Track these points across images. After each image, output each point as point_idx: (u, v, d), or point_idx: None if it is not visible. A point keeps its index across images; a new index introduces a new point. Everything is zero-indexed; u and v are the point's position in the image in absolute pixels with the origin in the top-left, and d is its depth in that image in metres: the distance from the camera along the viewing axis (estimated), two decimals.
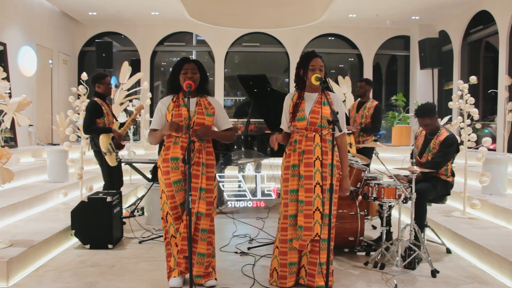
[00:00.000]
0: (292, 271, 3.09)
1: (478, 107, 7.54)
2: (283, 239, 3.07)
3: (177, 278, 3.12)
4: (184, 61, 3.10)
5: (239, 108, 11.61)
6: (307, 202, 2.96)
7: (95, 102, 4.65)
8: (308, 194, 2.96)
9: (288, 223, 3.05)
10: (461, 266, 3.67)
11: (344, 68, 12.26)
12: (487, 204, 4.73)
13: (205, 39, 11.19)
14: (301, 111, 3.03)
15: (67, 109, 7.08)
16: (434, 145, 3.96)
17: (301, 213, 2.98)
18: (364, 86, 5.48)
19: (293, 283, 3.11)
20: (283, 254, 3.08)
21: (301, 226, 2.96)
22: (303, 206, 2.97)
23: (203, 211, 3.04)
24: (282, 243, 3.08)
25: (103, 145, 4.51)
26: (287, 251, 3.07)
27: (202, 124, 3.05)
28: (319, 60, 3.04)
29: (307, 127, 3.02)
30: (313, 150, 2.99)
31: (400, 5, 9.11)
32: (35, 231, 3.93)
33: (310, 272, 3.06)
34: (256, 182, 5.86)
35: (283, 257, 3.08)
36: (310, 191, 2.96)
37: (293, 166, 3.04)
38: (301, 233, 2.96)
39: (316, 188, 2.96)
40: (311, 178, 2.97)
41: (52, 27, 9.41)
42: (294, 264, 3.09)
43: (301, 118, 3.02)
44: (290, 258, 3.08)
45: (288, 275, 3.08)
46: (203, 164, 3.06)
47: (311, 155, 2.99)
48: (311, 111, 3.02)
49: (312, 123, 3.01)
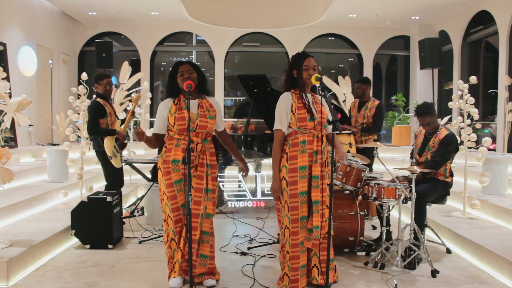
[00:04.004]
0: (303, 273, 3.08)
1: (478, 107, 7.54)
2: (295, 243, 3.00)
3: (177, 278, 3.12)
4: (179, 64, 3.11)
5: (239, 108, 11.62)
6: (322, 201, 2.96)
7: (97, 102, 4.64)
8: (324, 194, 2.98)
9: (300, 225, 3.00)
10: (461, 266, 3.67)
11: (344, 68, 12.25)
12: (487, 204, 4.73)
13: (205, 39, 11.18)
14: (309, 111, 2.99)
15: (67, 109, 7.08)
16: (434, 144, 3.96)
17: (317, 213, 2.96)
18: (361, 86, 5.43)
19: (304, 285, 3.09)
20: (295, 258, 3.02)
21: (317, 226, 2.95)
22: (319, 206, 2.96)
23: (211, 212, 3.10)
24: (294, 247, 3.00)
25: (108, 149, 4.53)
26: (299, 255, 3.02)
27: (205, 127, 3.06)
28: (312, 60, 3.04)
29: (315, 127, 3.00)
30: (323, 150, 3.01)
31: (400, 5, 9.11)
32: (35, 231, 3.93)
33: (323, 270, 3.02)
34: (256, 182, 5.87)
35: (294, 261, 3.02)
36: (325, 191, 2.98)
37: (302, 168, 2.97)
38: (318, 233, 2.95)
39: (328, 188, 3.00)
40: (324, 177, 2.99)
41: (52, 27, 9.41)
42: (304, 266, 3.08)
43: (311, 119, 2.98)
44: (302, 261, 3.05)
45: (300, 278, 3.05)
46: (208, 165, 3.08)
47: (322, 155, 3.00)
48: (318, 111, 3.01)
49: (321, 123, 3.01)
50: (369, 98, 5.42)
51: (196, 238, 3.05)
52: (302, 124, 2.98)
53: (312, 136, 3.00)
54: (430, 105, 4.00)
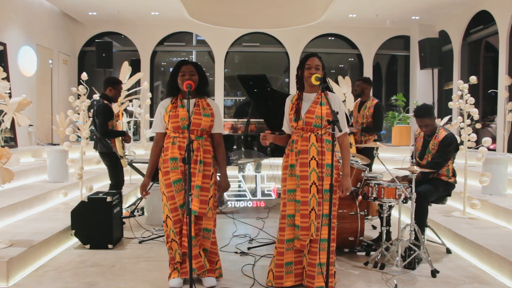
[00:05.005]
0: (289, 270, 3.07)
1: (478, 107, 7.53)
2: (281, 239, 3.07)
3: (177, 278, 3.12)
4: (182, 63, 3.11)
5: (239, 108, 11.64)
6: (303, 202, 2.96)
7: (106, 105, 4.72)
8: (304, 194, 2.96)
9: (286, 223, 3.05)
10: (461, 266, 3.67)
11: (344, 68, 12.25)
12: (487, 204, 4.73)
13: (205, 39, 11.18)
14: (298, 111, 3.04)
15: (67, 109, 7.08)
16: (434, 146, 3.95)
17: (298, 213, 2.99)
18: (361, 84, 5.42)
19: (292, 283, 3.09)
20: (280, 255, 3.08)
21: (298, 226, 2.98)
22: (300, 206, 2.98)
23: (195, 209, 2.99)
24: (280, 243, 3.08)
25: (119, 149, 4.72)
26: (283, 251, 3.06)
27: (199, 124, 3.05)
28: (315, 59, 3.04)
29: (303, 127, 3.03)
30: (309, 150, 2.99)
31: (400, 5, 9.10)
32: (35, 231, 3.93)
33: (309, 273, 3.03)
34: (256, 182, 5.86)
35: (279, 257, 3.08)
36: (306, 191, 2.96)
37: (291, 166, 3.06)
38: (298, 233, 2.97)
39: (312, 188, 2.95)
40: (307, 178, 2.97)
41: (52, 27, 9.41)
42: (290, 263, 3.08)
43: (297, 118, 3.03)
44: (287, 258, 3.07)
45: (285, 275, 3.07)
46: (200, 161, 3.06)
47: (307, 155, 2.99)
48: (307, 111, 3.02)
49: (307, 123, 3.00)
50: (368, 98, 5.42)
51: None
52: (291, 124, 3.10)
53: (298, 136, 3.04)
54: (430, 107, 4.00)
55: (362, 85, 5.43)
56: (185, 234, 3.05)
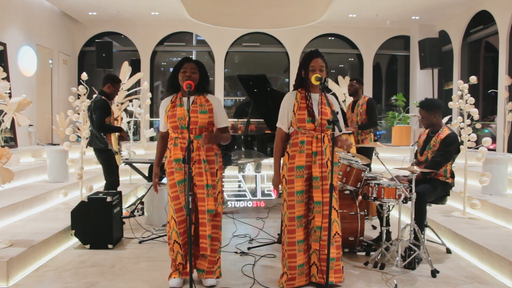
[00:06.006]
0: (301, 272, 3.09)
1: (478, 107, 7.54)
2: (291, 241, 3.05)
3: (177, 278, 3.13)
4: (185, 60, 3.12)
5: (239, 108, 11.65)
6: (325, 202, 2.97)
7: (105, 100, 4.70)
8: (326, 195, 2.97)
9: (296, 224, 3.03)
10: (461, 266, 3.67)
11: (344, 68, 12.25)
12: (487, 204, 4.73)
13: (205, 39, 11.18)
14: (310, 112, 3.01)
15: (67, 109, 7.08)
16: (435, 143, 3.95)
17: (319, 214, 3.00)
18: (354, 84, 5.51)
19: (303, 283, 3.10)
20: (292, 257, 3.06)
21: (320, 227, 2.98)
22: (321, 207, 2.98)
23: (212, 207, 3.05)
24: (290, 245, 3.05)
25: (115, 145, 4.67)
26: (295, 253, 3.05)
27: (196, 122, 3.05)
28: (319, 61, 3.03)
29: (315, 128, 3.02)
30: (324, 151, 3.02)
31: (400, 5, 9.10)
32: (35, 231, 3.93)
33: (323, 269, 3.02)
34: (256, 182, 5.86)
35: (292, 259, 3.06)
36: (327, 192, 2.96)
37: (299, 168, 3.03)
38: (319, 234, 2.98)
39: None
40: (327, 179, 2.98)
41: (52, 27, 9.41)
42: (302, 265, 3.09)
43: (311, 120, 3.01)
44: (299, 260, 3.06)
45: (297, 277, 3.07)
46: (204, 160, 3.07)
47: (323, 156, 3.01)
48: (320, 113, 3.02)
49: (322, 124, 3.02)
50: (360, 97, 5.51)
51: (206, 234, 3.05)
52: (301, 125, 3.03)
53: (311, 137, 3.03)
54: (432, 102, 4.01)
55: (355, 85, 5.51)
56: (202, 235, 3.07)
